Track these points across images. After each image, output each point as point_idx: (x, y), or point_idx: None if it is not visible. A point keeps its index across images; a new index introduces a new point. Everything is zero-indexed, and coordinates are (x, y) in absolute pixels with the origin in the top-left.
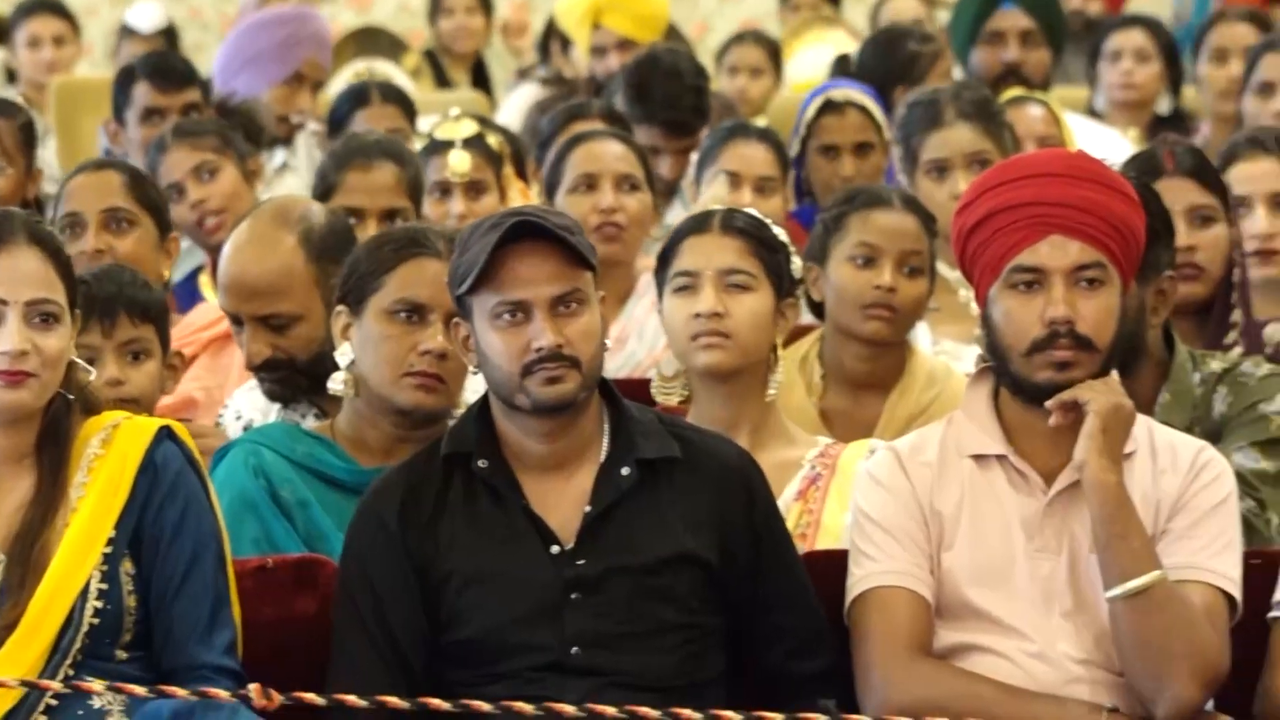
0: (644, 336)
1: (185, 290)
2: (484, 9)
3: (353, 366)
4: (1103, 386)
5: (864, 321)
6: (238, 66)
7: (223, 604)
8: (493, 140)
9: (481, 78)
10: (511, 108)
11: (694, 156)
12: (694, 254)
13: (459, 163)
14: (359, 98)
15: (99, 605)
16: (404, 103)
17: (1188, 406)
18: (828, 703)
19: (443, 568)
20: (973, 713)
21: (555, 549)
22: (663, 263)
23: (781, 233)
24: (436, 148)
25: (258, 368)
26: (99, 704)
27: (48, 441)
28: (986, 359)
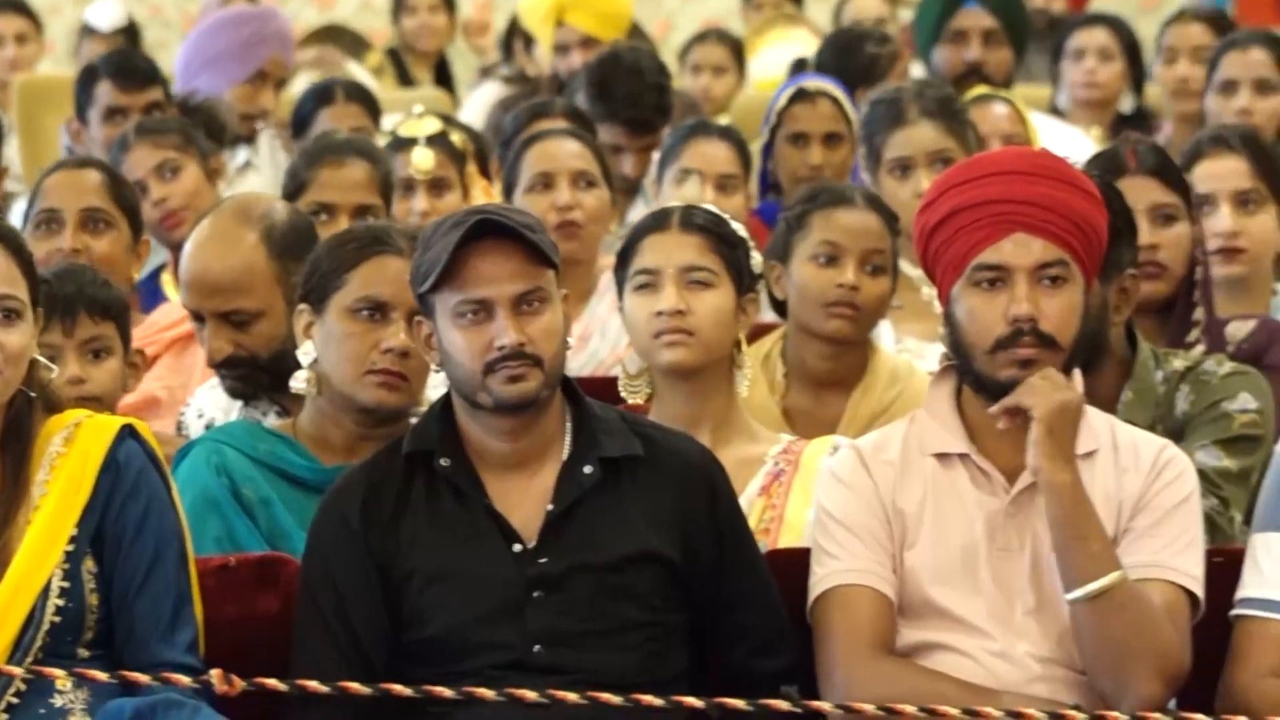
0: (606, 335)
1: (147, 289)
2: (447, 7)
3: (315, 365)
4: (1044, 385)
5: (826, 320)
6: (199, 65)
7: (185, 602)
8: (456, 138)
9: (444, 76)
10: (474, 106)
11: (656, 155)
12: (654, 252)
13: (422, 160)
14: (323, 96)
15: (60, 603)
16: (367, 101)
17: (1150, 405)
18: (790, 689)
19: (405, 566)
20: (935, 711)
21: (517, 547)
22: (622, 261)
23: (740, 228)
24: (400, 145)
25: (219, 365)
26: (60, 703)
27: (10, 439)
28: (950, 357)
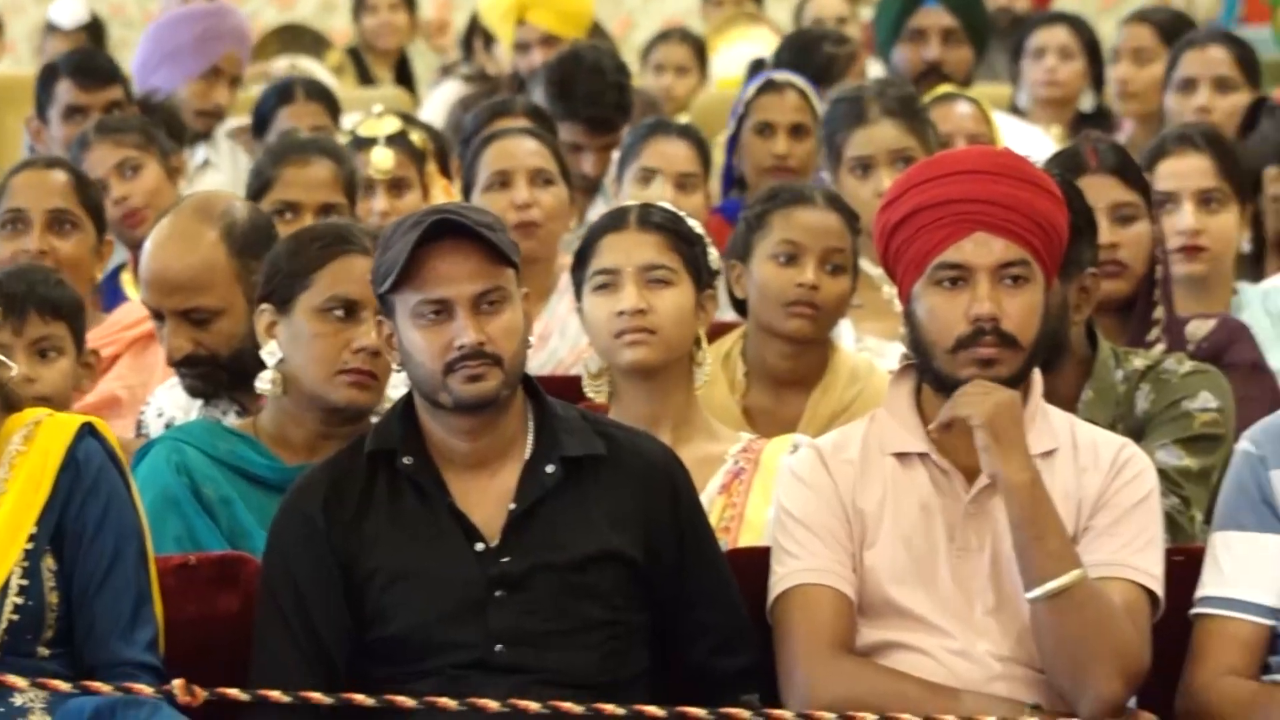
0: (566, 334)
1: (107, 288)
2: (407, 6)
3: (281, 364)
4: (976, 391)
5: (787, 319)
6: (156, 62)
7: (145, 601)
8: (416, 137)
9: (405, 75)
10: (435, 104)
11: (616, 154)
12: (613, 251)
13: (381, 160)
14: (283, 94)
15: (20, 601)
16: (328, 100)
17: (1111, 404)
18: (751, 697)
19: (367, 565)
20: (895, 710)
21: (480, 546)
22: (580, 262)
23: (697, 225)
24: (359, 145)
25: (179, 363)
26: (20, 701)
27: None
28: (910, 356)
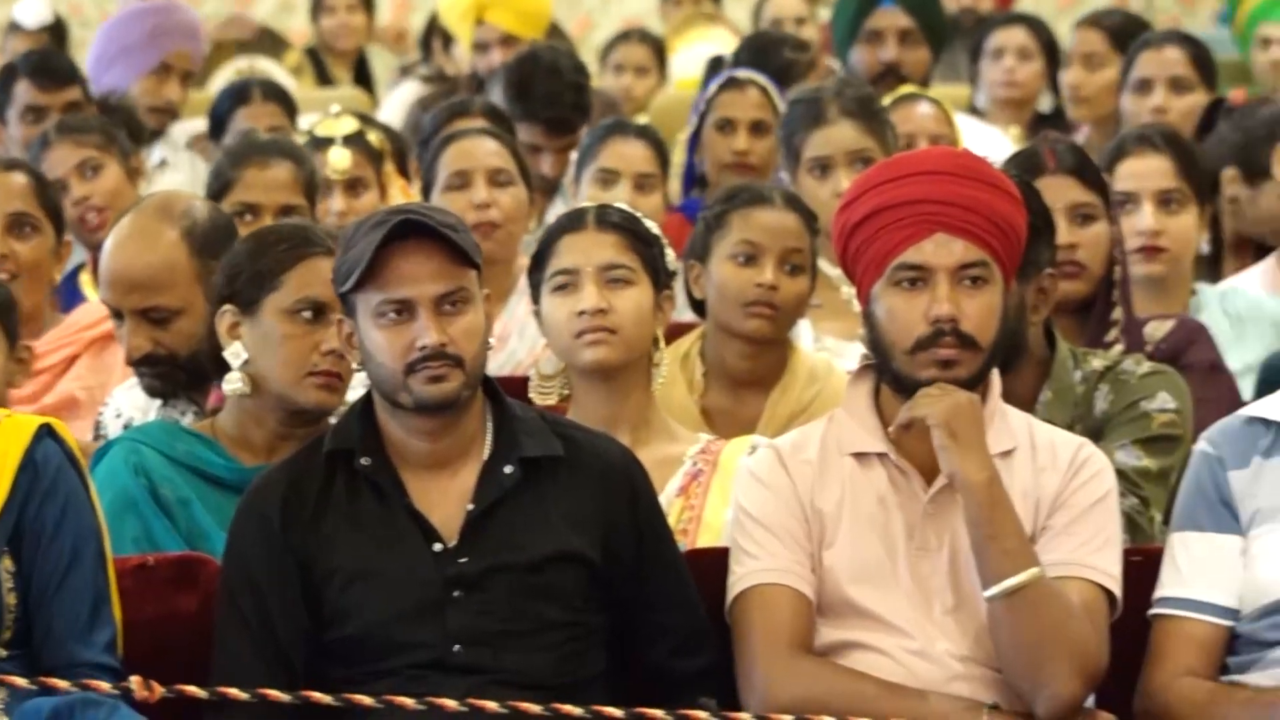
0: (525, 335)
1: (65, 289)
2: (365, 7)
3: (246, 366)
4: (934, 392)
5: (745, 319)
6: (108, 61)
7: (103, 602)
8: (373, 137)
9: (364, 75)
10: (393, 105)
11: (575, 154)
12: (572, 252)
13: (339, 160)
14: (240, 95)
15: None
16: (285, 100)
17: (1069, 404)
18: (709, 700)
19: (325, 565)
20: (854, 710)
21: (438, 547)
22: (537, 263)
23: (654, 226)
24: (316, 145)
25: (137, 362)
26: None
27: None
28: (869, 356)
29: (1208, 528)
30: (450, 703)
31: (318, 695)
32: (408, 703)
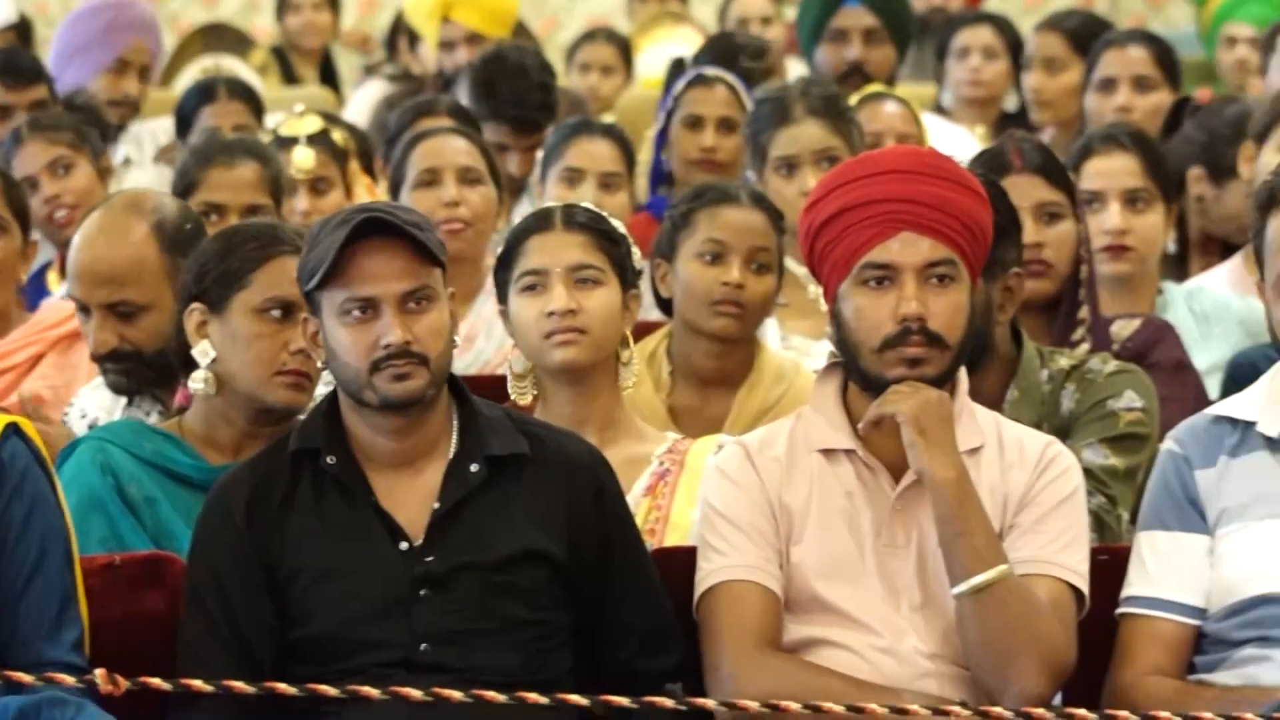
0: (492, 334)
1: (32, 287)
2: (331, 5)
3: (213, 364)
4: (905, 389)
5: (712, 318)
6: (66, 59)
7: (70, 602)
8: (338, 136)
9: (329, 74)
10: (359, 104)
11: (541, 154)
12: (540, 252)
13: (303, 159)
14: (206, 93)
15: None
16: (251, 99)
17: (1036, 403)
18: (674, 687)
19: (291, 564)
20: (819, 708)
21: (404, 545)
22: (504, 263)
23: (620, 225)
24: (281, 144)
25: (103, 357)
26: None
27: None
28: (837, 355)
29: (1175, 527)
30: (414, 692)
31: (282, 687)
32: (372, 693)
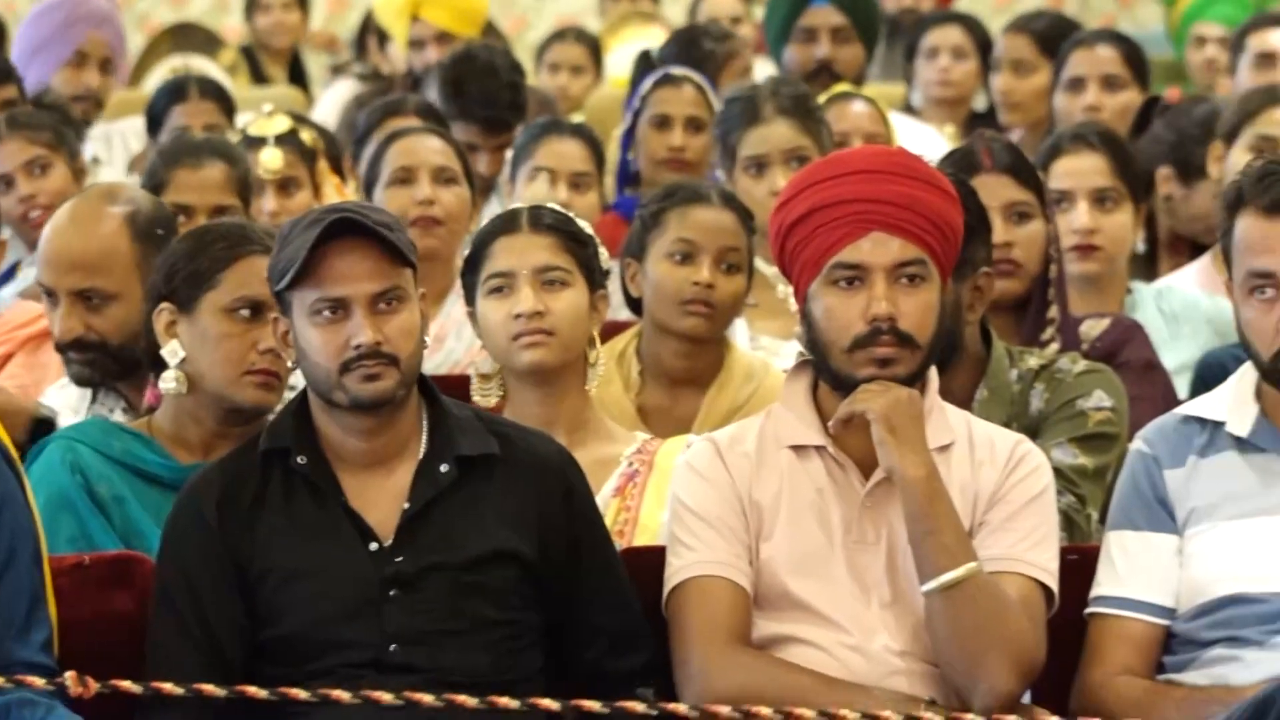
0: (462, 334)
1: (1, 285)
2: (300, 4)
3: (183, 364)
4: (875, 388)
5: (682, 317)
6: (26, 59)
7: (39, 602)
8: (306, 136)
9: (298, 74)
10: (328, 104)
11: (510, 153)
12: (507, 254)
13: (270, 160)
14: (176, 92)
15: None
16: (222, 98)
17: (1005, 403)
18: (645, 690)
19: (261, 564)
20: (791, 703)
21: (374, 546)
22: (471, 265)
23: (587, 226)
24: (249, 144)
25: (67, 346)
26: None
27: None
28: (806, 354)
29: (1144, 527)
30: (385, 695)
31: (253, 690)
32: (343, 696)
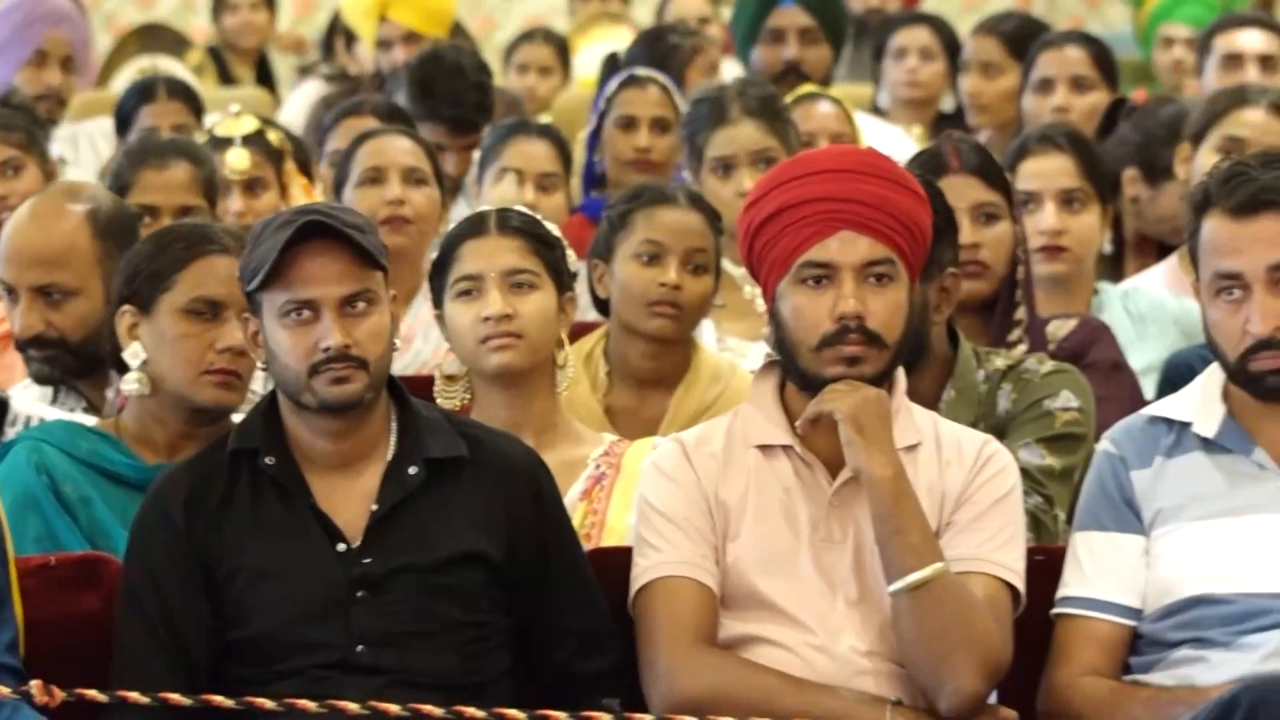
0: (430, 335)
1: None
2: (268, 5)
3: (145, 366)
4: (843, 387)
5: (649, 318)
6: None
7: (4, 602)
8: (273, 137)
9: (265, 75)
10: (295, 104)
11: (477, 154)
12: (475, 257)
13: (237, 160)
14: (145, 93)
15: None
16: (190, 98)
17: (972, 403)
18: (612, 701)
19: (228, 564)
20: (758, 703)
21: (342, 547)
22: (439, 268)
23: (554, 228)
24: (216, 145)
25: (28, 342)
26: None
27: None
28: (774, 355)
29: (1110, 527)
30: (351, 705)
31: (219, 699)
32: (309, 706)
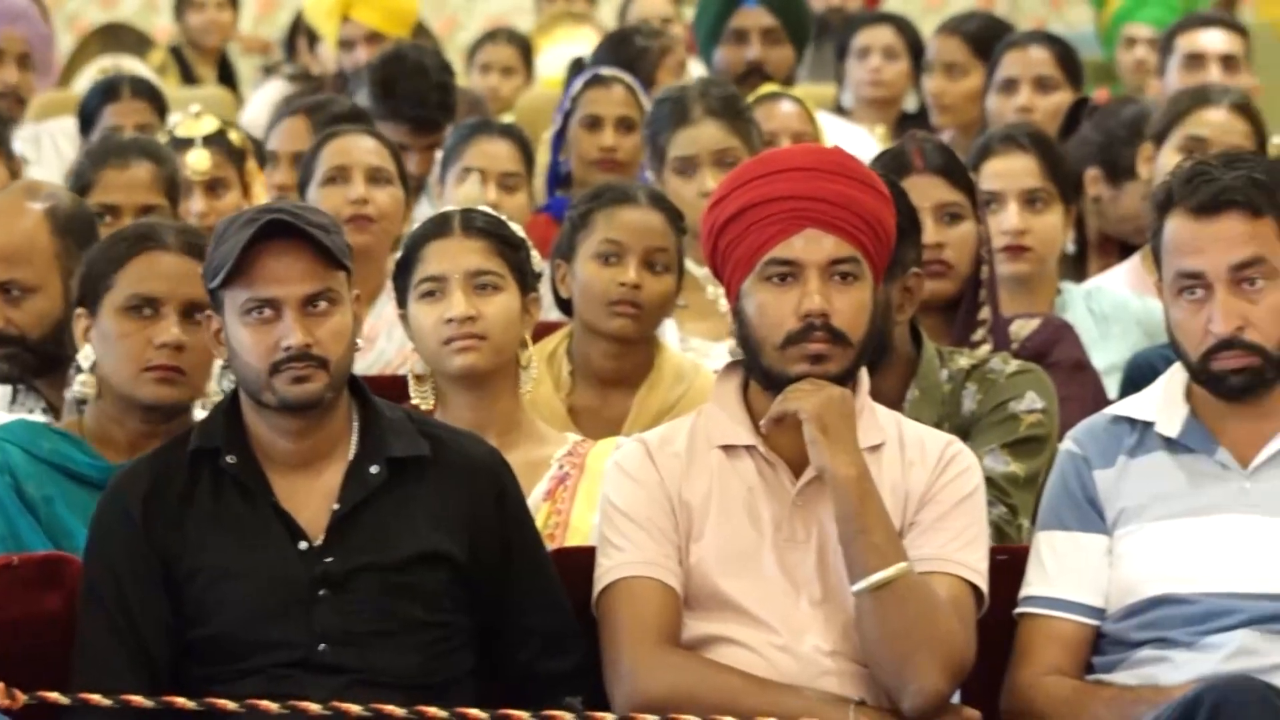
0: (394, 335)
1: None
2: (232, 4)
3: (95, 368)
4: (807, 387)
5: (610, 318)
6: None
7: None
8: (235, 137)
9: (228, 74)
10: (258, 104)
11: (440, 154)
12: (439, 258)
13: (198, 161)
14: (109, 92)
15: None
16: (154, 97)
17: (936, 403)
18: (574, 700)
19: (189, 563)
20: (721, 703)
21: (303, 545)
22: (402, 269)
23: (519, 229)
24: (177, 146)
25: None
26: None
27: None
28: (737, 354)
29: (1073, 527)
30: (313, 706)
31: (181, 700)
32: (270, 707)
